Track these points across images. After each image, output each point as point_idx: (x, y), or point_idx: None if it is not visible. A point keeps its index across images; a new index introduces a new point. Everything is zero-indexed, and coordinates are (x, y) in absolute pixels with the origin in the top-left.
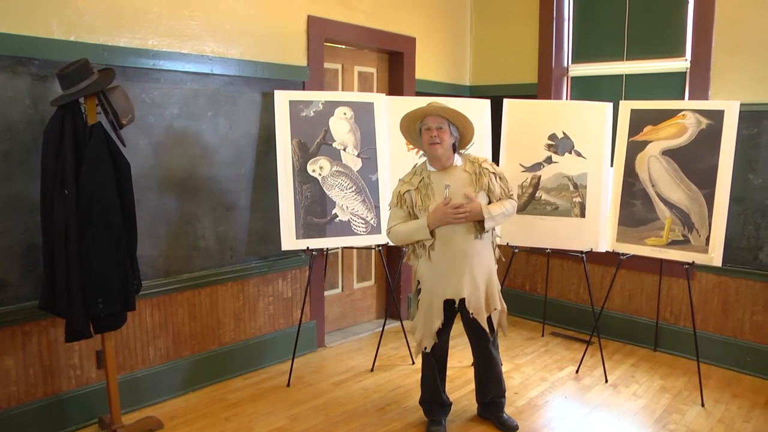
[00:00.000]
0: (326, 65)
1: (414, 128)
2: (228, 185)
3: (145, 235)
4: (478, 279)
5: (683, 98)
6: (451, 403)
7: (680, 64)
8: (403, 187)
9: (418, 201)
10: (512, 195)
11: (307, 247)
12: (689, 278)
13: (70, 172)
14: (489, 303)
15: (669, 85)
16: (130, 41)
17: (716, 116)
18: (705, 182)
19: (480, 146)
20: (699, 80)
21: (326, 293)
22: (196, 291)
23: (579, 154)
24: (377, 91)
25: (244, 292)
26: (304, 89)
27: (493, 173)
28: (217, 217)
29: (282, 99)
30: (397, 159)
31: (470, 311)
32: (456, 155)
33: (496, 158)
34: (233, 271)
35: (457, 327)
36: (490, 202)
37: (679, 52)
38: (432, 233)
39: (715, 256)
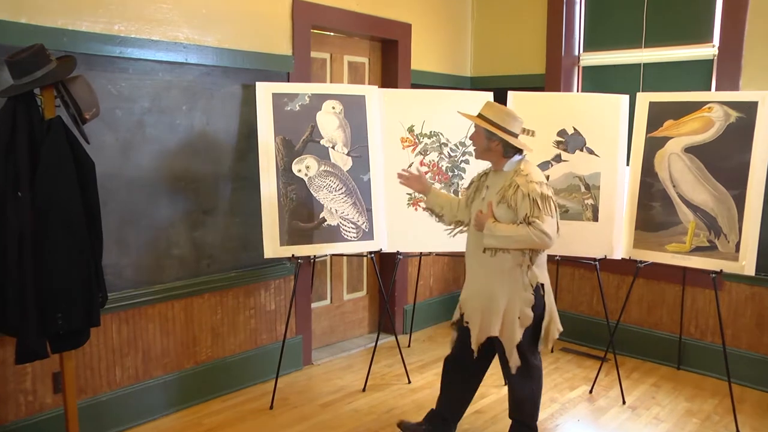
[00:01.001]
0: (313, 54)
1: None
2: (205, 187)
3: (112, 242)
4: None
5: (709, 89)
6: (450, 423)
7: (706, 51)
8: (473, 178)
9: (472, 193)
10: (539, 225)
11: (293, 255)
12: (717, 289)
13: (25, 173)
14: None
15: (693, 74)
16: (93, 25)
17: (748, 108)
18: (734, 182)
19: None
20: (728, 68)
21: (313, 305)
22: (169, 304)
23: (591, 152)
24: (369, 83)
25: (222, 305)
26: (288, 81)
27: (522, 190)
28: (193, 222)
29: (264, 92)
30: (391, 157)
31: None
32: (511, 159)
33: None
34: (211, 282)
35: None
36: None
37: (705, 38)
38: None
39: (746, 264)
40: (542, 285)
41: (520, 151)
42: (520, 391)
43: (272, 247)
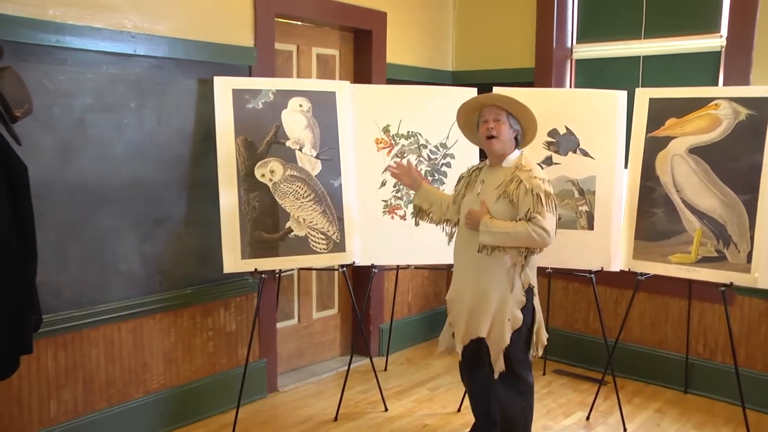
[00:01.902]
0: (278, 46)
1: (472, 121)
2: (157, 194)
3: (48, 257)
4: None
5: (716, 84)
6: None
7: (713, 42)
8: (462, 173)
9: (463, 189)
10: (539, 222)
11: (255, 269)
12: (726, 303)
13: None
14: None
15: (698, 68)
16: (22, 9)
17: (760, 105)
18: (745, 186)
19: (464, 145)
20: (737, 61)
21: (279, 325)
22: (116, 326)
23: (586, 154)
24: (340, 78)
25: (176, 326)
26: (250, 75)
27: (526, 185)
28: (144, 234)
29: (223, 87)
30: (364, 161)
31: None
32: (512, 154)
33: (484, 158)
34: (163, 300)
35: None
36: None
37: (711, 27)
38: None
39: (760, 276)
40: (533, 287)
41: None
42: (509, 408)
43: (233, 260)
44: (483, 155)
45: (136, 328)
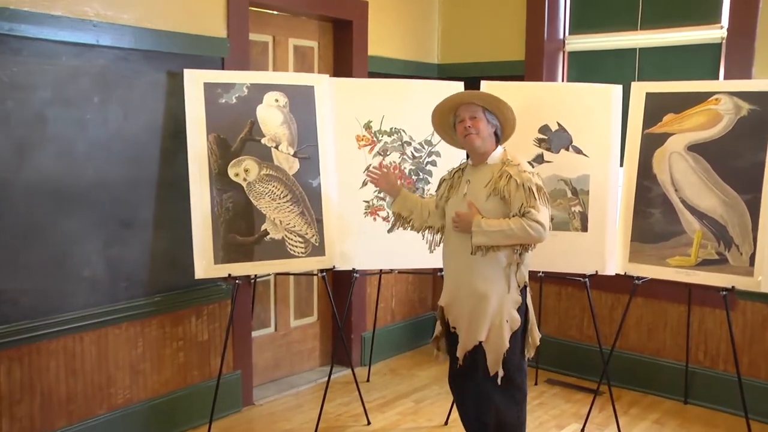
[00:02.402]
0: (252, 37)
1: (448, 123)
2: (123, 194)
3: (3, 263)
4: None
5: (717, 77)
6: None
7: (713, 34)
8: (444, 176)
9: (446, 191)
10: (534, 215)
11: (229, 275)
12: (728, 308)
13: None
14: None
15: (697, 60)
16: None
17: (763, 99)
18: (747, 185)
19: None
20: (739, 53)
21: (254, 334)
22: (78, 336)
23: (579, 151)
24: (319, 72)
25: (144, 336)
26: (223, 68)
27: (516, 180)
28: (109, 237)
29: (194, 81)
30: (344, 159)
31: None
32: (495, 151)
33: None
34: (130, 308)
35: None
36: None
37: (711, 18)
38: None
39: (763, 279)
40: (527, 286)
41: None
42: (506, 415)
43: (205, 265)
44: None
45: (100, 339)
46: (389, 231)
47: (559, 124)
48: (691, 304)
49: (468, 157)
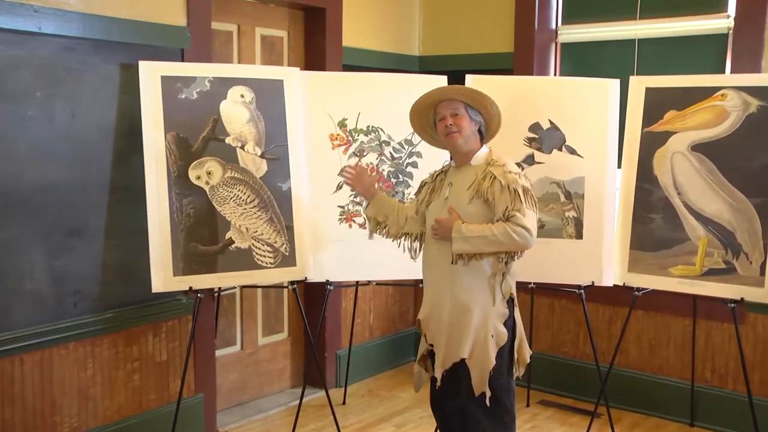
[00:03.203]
0: (215, 26)
1: (428, 122)
2: (70, 199)
3: None
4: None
5: (723, 71)
6: None
7: (719, 23)
8: (424, 179)
9: (427, 195)
10: (519, 220)
11: (190, 288)
12: (737, 322)
13: None
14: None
15: (702, 53)
16: None
17: None
18: (757, 187)
19: None
20: (747, 45)
21: (218, 353)
22: (17, 359)
23: (573, 152)
24: (289, 64)
25: (94, 357)
26: (182, 60)
27: (501, 181)
28: (54, 247)
29: (150, 74)
30: (317, 160)
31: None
32: (480, 151)
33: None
34: (78, 326)
35: None
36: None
37: (717, 6)
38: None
39: None
40: (514, 298)
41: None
42: None
43: (163, 277)
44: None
45: (44, 361)
46: (370, 237)
47: (551, 122)
48: (696, 317)
49: (451, 158)
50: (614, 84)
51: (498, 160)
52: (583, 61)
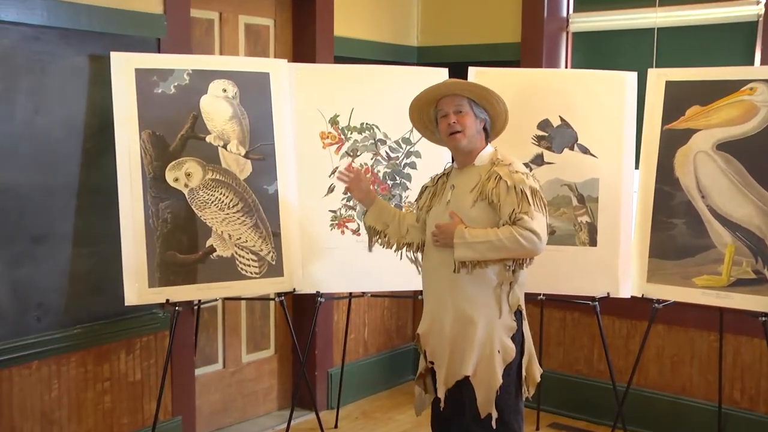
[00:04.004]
0: (194, 13)
1: (429, 117)
2: (34, 203)
3: None
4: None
5: (751, 63)
6: None
7: (747, 10)
8: (426, 183)
9: (427, 200)
10: (527, 223)
11: (167, 300)
12: None
13: None
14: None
15: (728, 42)
16: None
17: None
18: None
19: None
20: None
21: (198, 372)
22: None
23: (586, 151)
24: (276, 56)
25: (60, 377)
26: (159, 51)
27: (507, 182)
28: (15, 255)
29: (123, 66)
30: (307, 160)
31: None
32: (484, 151)
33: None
34: (42, 343)
35: None
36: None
37: None
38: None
39: None
40: (522, 310)
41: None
42: None
43: (137, 289)
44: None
45: (3, 381)
46: (370, 250)
47: (561, 119)
48: (723, 332)
49: (453, 158)
50: (631, 77)
51: (504, 160)
52: (597, 51)
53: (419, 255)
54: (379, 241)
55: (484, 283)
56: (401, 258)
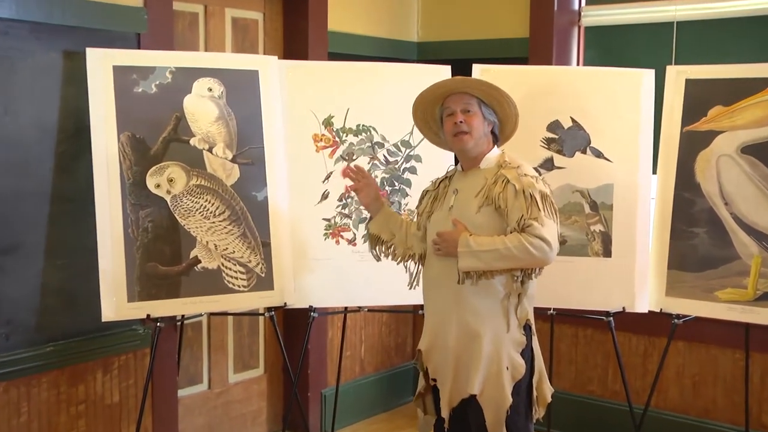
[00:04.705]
0: (177, 6)
1: (433, 116)
2: (2, 211)
3: None
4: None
5: None
6: None
7: None
8: (427, 187)
9: (428, 205)
10: (536, 230)
11: (148, 316)
12: None
13: None
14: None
15: (754, 37)
16: None
17: None
18: None
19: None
20: None
21: (181, 393)
22: None
23: (599, 155)
24: (265, 52)
25: (30, 399)
26: (139, 47)
27: (515, 185)
28: None
29: (100, 63)
30: (299, 165)
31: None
32: (491, 152)
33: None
34: (10, 363)
35: None
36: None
37: None
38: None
39: None
40: (531, 324)
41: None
42: None
43: (115, 304)
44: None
45: None
46: (378, 260)
47: (573, 120)
48: (749, 350)
49: (457, 161)
50: (648, 75)
51: (512, 162)
52: (612, 47)
53: (420, 266)
54: (383, 251)
55: (490, 294)
56: (401, 269)
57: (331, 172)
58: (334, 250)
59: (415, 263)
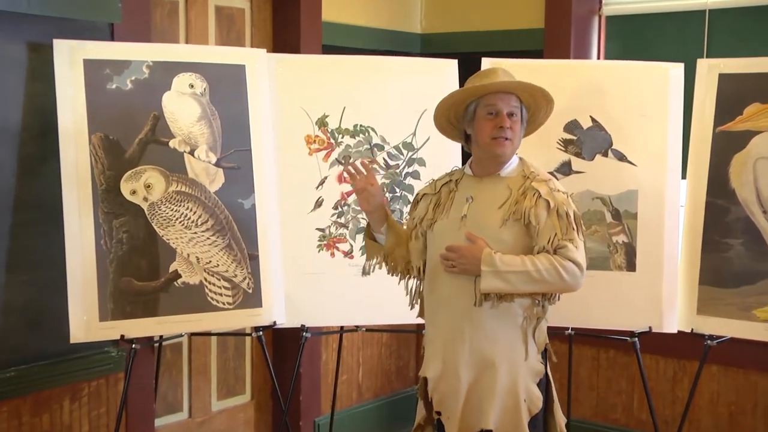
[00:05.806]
0: None
1: (459, 110)
2: None
3: None
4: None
5: None
6: None
7: None
8: (423, 189)
9: (429, 212)
10: (569, 253)
11: (122, 336)
12: None
13: None
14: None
15: None
16: None
17: None
18: None
19: (438, 145)
20: None
21: (159, 422)
22: None
23: (622, 158)
24: (252, 45)
25: None
26: (112, 39)
27: (549, 202)
28: None
29: (70, 57)
30: (290, 169)
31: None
32: (512, 159)
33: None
34: None
35: None
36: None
37: None
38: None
39: None
40: (549, 349)
41: None
42: None
43: (85, 323)
44: (463, 158)
45: None
46: (366, 274)
47: (593, 120)
48: None
49: (463, 163)
50: (676, 69)
51: (539, 174)
52: (636, 39)
53: (418, 283)
54: (382, 266)
55: (508, 318)
56: (407, 293)
57: (326, 178)
58: (328, 263)
59: (414, 278)
